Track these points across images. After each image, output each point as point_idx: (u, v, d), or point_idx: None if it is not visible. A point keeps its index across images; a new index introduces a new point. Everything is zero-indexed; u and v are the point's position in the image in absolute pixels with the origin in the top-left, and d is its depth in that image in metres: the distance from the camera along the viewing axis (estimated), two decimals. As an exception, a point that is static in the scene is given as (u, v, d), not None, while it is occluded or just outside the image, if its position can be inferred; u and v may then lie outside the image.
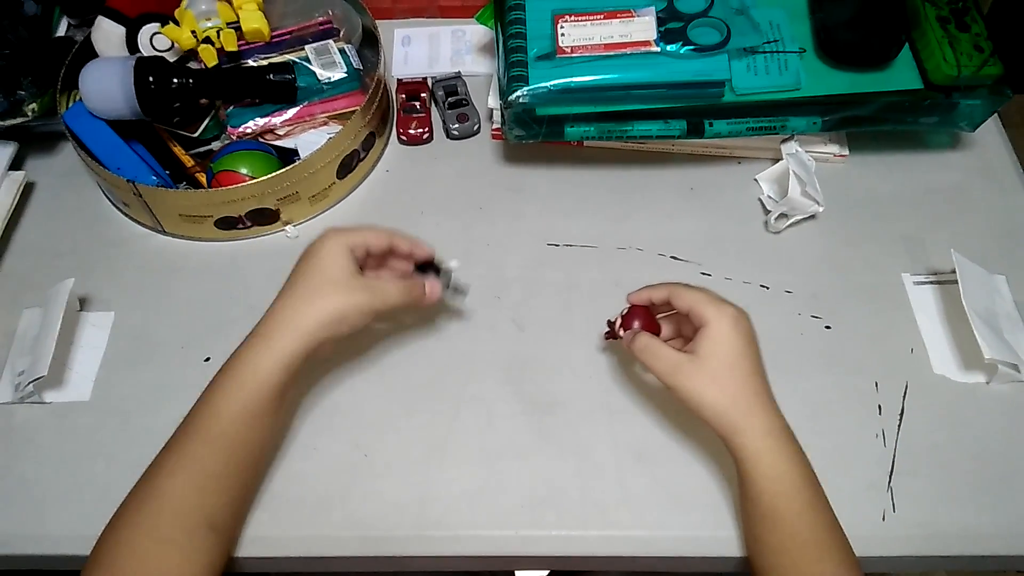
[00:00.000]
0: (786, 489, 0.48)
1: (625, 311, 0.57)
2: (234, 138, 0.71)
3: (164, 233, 0.71)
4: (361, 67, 0.74)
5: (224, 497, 0.50)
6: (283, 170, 0.65)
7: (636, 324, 0.56)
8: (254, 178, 0.65)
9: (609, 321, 0.57)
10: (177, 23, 0.69)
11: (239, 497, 0.52)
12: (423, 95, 0.78)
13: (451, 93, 0.78)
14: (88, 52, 0.72)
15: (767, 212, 0.70)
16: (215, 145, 0.73)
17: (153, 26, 0.70)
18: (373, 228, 0.55)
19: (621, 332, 0.56)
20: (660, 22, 0.65)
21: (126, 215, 0.72)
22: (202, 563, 0.47)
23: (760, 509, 0.49)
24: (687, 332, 0.57)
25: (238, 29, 0.70)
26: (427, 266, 0.59)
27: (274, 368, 0.50)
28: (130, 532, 0.47)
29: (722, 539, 0.54)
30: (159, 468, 0.49)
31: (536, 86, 0.63)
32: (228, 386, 0.50)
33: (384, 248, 0.56)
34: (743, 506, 0.51)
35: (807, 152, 0.70)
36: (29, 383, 0.58)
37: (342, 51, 0.73)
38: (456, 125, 0.76)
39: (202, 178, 0.71)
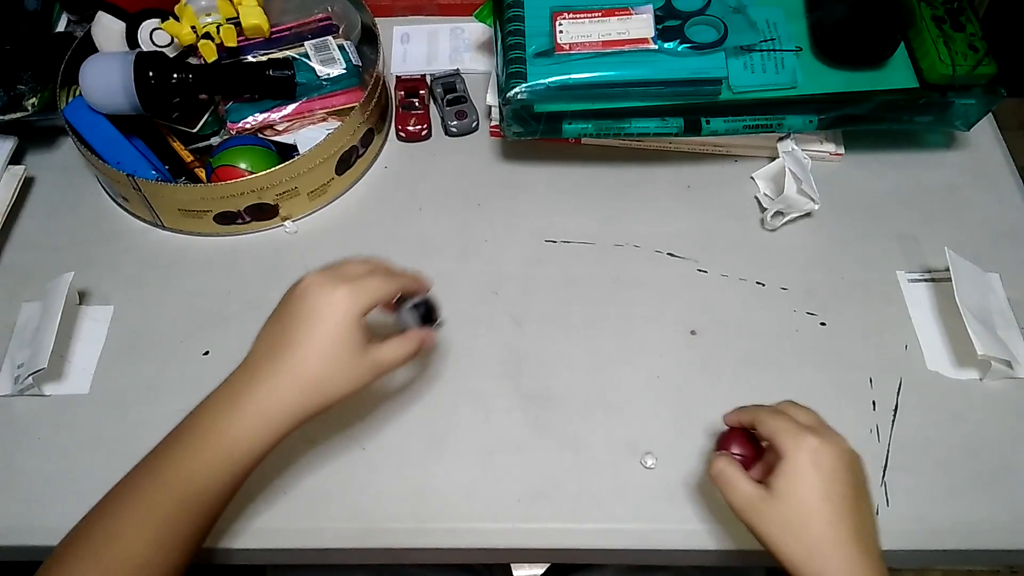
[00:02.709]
0: None
1: (723, 433, 0.53)
2: (233, 133, 0.71)
3: (163, 228, 0.71)
4: (360, 64, 0.74)
5: (186, 558, 0.46)
6: (282, 165, 0.65)
7: (733, 448, 0.51)
8: (253, 173, 0.66)
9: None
10: (177, 19, 0.69)
11: (196, 552, 0.48)
12: (422, 92, 0.78)
13: (450, 90, 0.78)
14: (88, 47, 0.72)
15: (763, 210, 0.71)
16: (214, 140, 0.73)
17: (153, 22, 0.70)
18: (384, 280, 0.49)
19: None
20: (658, 20, 0.65)
21: (125, 210, 0.72)
22: None
23: None
24: None
25: (238, 25, 0.70)
26: (419, 304, 0.53)
27: (267, 447, 0.46)
28: (84, 570, 0.43)
29: (718, 532, 0.55)
30: (122, 518, 0.45)
31: (534, 83, 0.64)
32: (214, 459, 0.45)
33: (392, 298, 0.51)
34: None
35: (803, 150, 0.70)
36: (28, 376, 0.58)
37: (341, 48, 0.73)
38: (455, 122, 0.76)
39: (201, 173, 0.71)
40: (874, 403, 0.60)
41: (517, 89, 0.64)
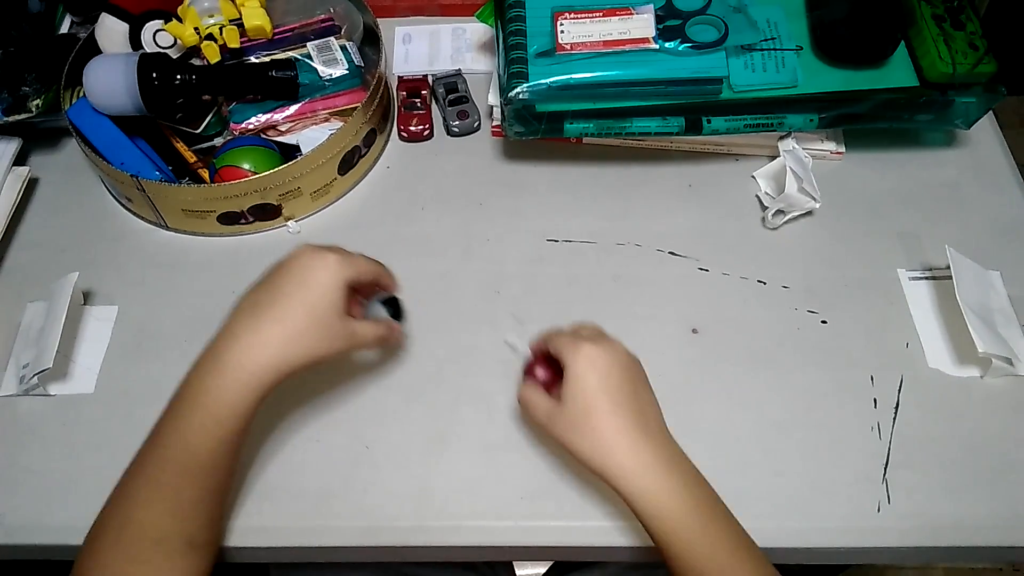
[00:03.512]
0: (672, 526, 0.46)
1: (528, 360, 0.55)
2: (236, 134, 0.72)
3: (167, 228, 0.71)
4: (362, 64, 0.74)
5: (202, 519, 0.49)
6: (285, 166, 0.66)
7: (538, 371, 0.54)
8: (256, 174, 0.66)
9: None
10: (180, 20, 0.70)
11: (216, 515, 0.51)
12: (424, 92, 0.79)
13: (452, 90, 0.79)
14: (92, 49, 0.72)
15: (764, 208, 0.71)
16: (218, 141, 0.74)
17: (156, 23, 0.70)
18: (367, 260, 0.53)
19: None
20: (658, 19, 0.65)
21: (129, 210, 0.72)
22: None
23: (660, 549, 0.47)
24: None
25: (240, 26, 0.71)
26: (389, 300, 0.57)
27: (252, 403, 0.48)
28: (109, 555, 0.46)
29: (719, 530, 0.55)
30: (132, 498, 0.47)
31: (536, 83, 0.64)
32: (202, 420, 0.47)
33: (369, 281, 0.54)
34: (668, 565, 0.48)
35: (804, 149, 0.71)
36: (34, 376, 0.58)
37: (343, 48, 0.74)
38: (456, 122, 0.77)
39: (204, 174, 0.72)
40: (875, 401, 0.60)
41: (519, 89, 0.64)
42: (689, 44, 0.64)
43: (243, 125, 0.71)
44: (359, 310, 0.56)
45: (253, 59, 0.73)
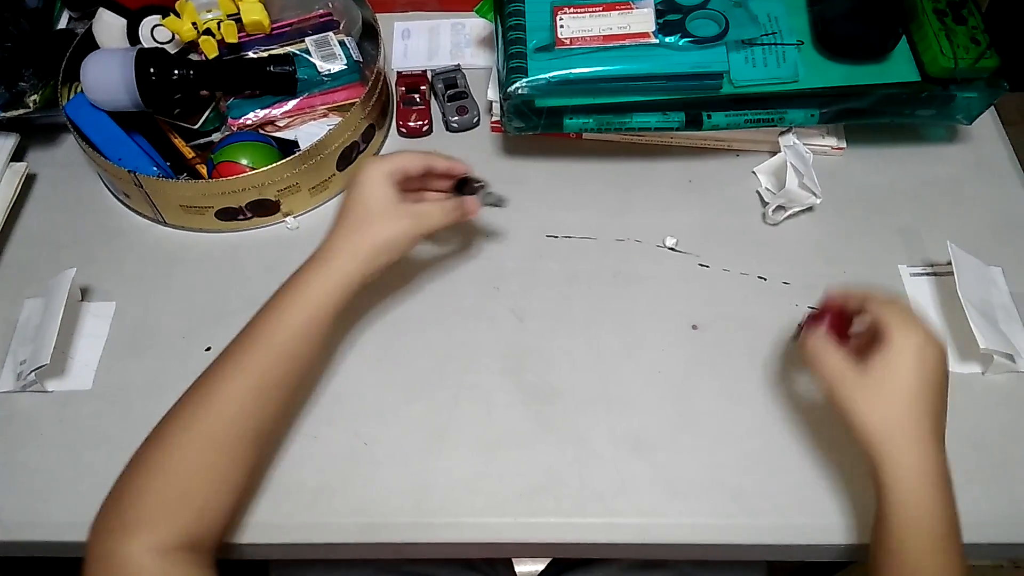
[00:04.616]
0: (921, 538, 0.46)
1: (816, 311, 0.53)
2: (234, 129, 0.71)
3: (165, 224, 0.71)
4: (361, 59, 0.74)
5: (275, 407, 0.52)
6: (283, 161, 0.65)
7: (823, 327, 0.51)
8: (254, 169, 0.66)
9: (800, 324, 0.53)
10: (178, 15, 0.69)
11: (286, 411, 0.55)
12: (423, 88, 0.78)
13: (451, 86, 0.78)
14: (89, 44, 0.72)
15: (765, 204, 0.71)
16: (215, 136, 0.74)
17: (154, 18, 0.70)
18: (410, 152, 0.58)
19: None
20: (658, 14, 0.65)
21: (127, 206, 0.72)
22: (246, 471, 0.50)
23: (890, 545, 0.47)
24: None
25: (239, 21, 0.70)
26: (463, 182, 0.61)
27: (335, 288, 0.53)
28: (183, 435, 0.48)
29: (719, 526, 0.55)
30: (217, 373, 0.51)
31: (535, 78, 0.64)
32: (292, 302, 0.52)
33: (421, 170, 0.58)
34: (876, 533, 0.49)
35: (805, 144, 0.70)
36: (31, 372, 0.58)
37: (342, 43, 0.73)
38: (455, 117, 0.76)
39: (202, 169, 0.72)
40: (876, 397, 0.60)
41: (518, 84, 0.64)
42: (689, 39, 0.64)
43: (241, 120, 0.71)
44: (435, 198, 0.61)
45: (251, 54, 0.73)
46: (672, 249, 0.68)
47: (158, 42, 0.70)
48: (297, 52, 0.72)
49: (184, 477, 0.47)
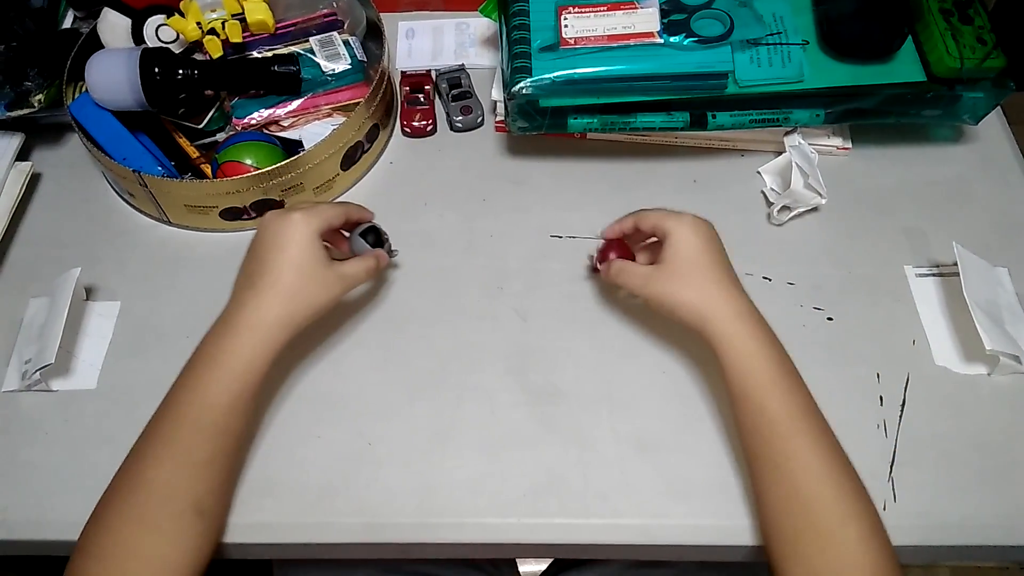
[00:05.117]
0: (754, 367, 0.51)
1: (601, 246, 0.61)
2: (239, 129, 0.71)
3: (169, 224, 0.71)
4: (365, 59, 0.74)
5: (211, 483, 0.51)
6: (287, 161, 0.65)
7: (612, 255, 0.60)
8: (259, 169, 0.66)
9: (590, 255, 0.62)
10: (182, 14, 0.69)
11: (226, 482, 0.53)
12: (427, 87, 0.78)
13: (455, 85, 0.78)
14: (94, 43, 0.72)
15: (770, 204, 0.70)
16: (220, 136, 0.74)
17: (159, 17, 0.70)
18: (327, 205, 0.57)
19: (599, 265, 0.61)
20: (663, 14, 0.65)
21: (132, 206, 0.72)
22: (189, 548, 0.48)
23: (734, 391, 0.52)
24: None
25: (243, 21, 0.71)
26: (367, 230, 0.61)
27: (263, 359, 0.51)
28: (117, 520, 0.47)
29: (723, 527, 0.55)
30: (144, 456, 0.49)
31: (539, 78, 0.63)
32: (217, 378, 0.50)
33: (342, 222, 0.59)
34: (728, 390, 0.53)
35: (810, 145, 0.70)
36: (36, 371, 0.58)
37: (346, 43, 0.73)
38: (460, 117, 0.76)
39: (207, 169, 0.72)
40: (881, 398, 0.60)
41: (522, 84, 0.64)
42: (694, 39, 0.64)
43: (245, 120, 0.71)
44: (346, 245, 0.61)
45: (256, 54, 0.73)
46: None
47: (163, 42, 0.70)
48: (301, 52, 0.72)
49: (121, 560, 0.46)
